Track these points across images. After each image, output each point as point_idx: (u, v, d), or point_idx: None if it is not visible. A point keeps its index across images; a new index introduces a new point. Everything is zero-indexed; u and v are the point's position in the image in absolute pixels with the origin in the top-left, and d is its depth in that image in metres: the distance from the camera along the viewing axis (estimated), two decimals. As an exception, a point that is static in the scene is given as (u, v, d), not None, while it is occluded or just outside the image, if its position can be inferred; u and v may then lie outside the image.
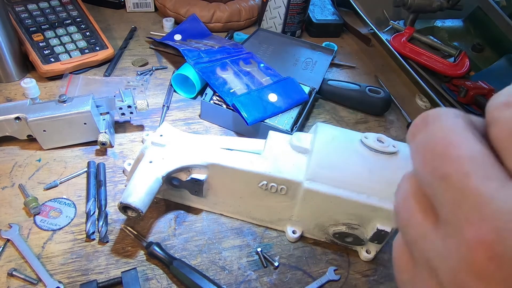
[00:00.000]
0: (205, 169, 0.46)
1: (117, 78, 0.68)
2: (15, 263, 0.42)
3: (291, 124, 0.59)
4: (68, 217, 0.47)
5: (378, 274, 0.47)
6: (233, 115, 0.60)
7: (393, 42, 0.82)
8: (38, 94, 0.54)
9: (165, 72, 0.72)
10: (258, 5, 0.88)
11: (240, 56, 0.70)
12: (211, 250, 0.47)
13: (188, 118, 0.64)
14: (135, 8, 0.88)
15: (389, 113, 0.71)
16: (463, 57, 0.78)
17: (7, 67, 0.63)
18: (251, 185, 0.45)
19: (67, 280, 0.42)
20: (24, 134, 0.53)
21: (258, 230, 0.50)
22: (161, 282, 0.43)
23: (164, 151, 0.46)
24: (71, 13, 0.72)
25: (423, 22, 0.89)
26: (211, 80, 0.63)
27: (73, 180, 0.52)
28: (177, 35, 0.77)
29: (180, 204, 0.51)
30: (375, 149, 0.43)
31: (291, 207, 0.46)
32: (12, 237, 0.44)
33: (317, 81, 0.69)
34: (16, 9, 0.68)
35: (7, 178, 0.51)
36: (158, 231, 0.48)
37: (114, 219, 0.48)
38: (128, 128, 0.60)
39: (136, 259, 0.45)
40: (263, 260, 0.46)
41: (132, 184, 0.43)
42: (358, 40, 0.91)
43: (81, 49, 0.68)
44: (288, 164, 0.45)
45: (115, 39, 0.78)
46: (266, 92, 0.62)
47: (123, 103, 0.56)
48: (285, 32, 0.84)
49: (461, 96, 0.72)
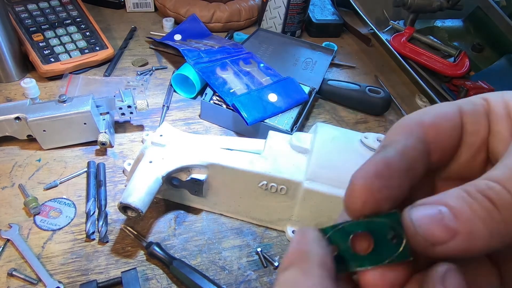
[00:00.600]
0: (205, 169, 0.46)
1: (117, 78, 0.68)
2: (15, 263, 0.42)
3: (291, 124, 0.59)
4: (68, 217, 0.47)
5: (378, 274, 0.47)
6: (233, 115, 0.60)
7: (393, 42, 0.82)
8: (38, 94, 0.54)
9: (165, 72, 0.72)
10: (258, 5, 0.88)
11: (240, 56, 0.70)
12: (211, 250, 0.47)
13: (188, 118, 0.64)
14: (135, 8, 0.88)
15: (389, 113, 0.71)
16: (463, 57, 0.78)
17: (7, 67, 0.63)
18: (251, 185, 0.45)
19: (67, 280, 0.42)
20: (24, 134, 0.53)
21: (258, 230, 0.50)
22: (161, 282, 0.43)
23: (164, 151, 0.46)
24: (71, 13, 0.72)
25: (423, 22, 0.89)
26: (211, 80, 0.63)
27: (73, 180, 0.52)
28: (177, 35, 0.77)
29: (180, 204, 0.51)
30: (375, 149, 0.43)
31: (291, 207, 0.46)
32: (12, 237, 0.44)
33: (317, 81, 0.69)
34: (16, 9, 0.68)
35: (7, 178, 0.51)
36: (158, 231, 0.48)
37: (114, 219, 0.48)
38: (128, 128, 0.60)
39: (136, 259, 0.45)
40: (263, 260, 0.46)
41: (132, 184, 0.43)
42: (358, 40, 0.91)
43: (81, 49, 0.68)
44: (288, 164, 0.45)
45: (115, 39, 0.78)
46: (266, 92, 0.62)
47: (123, 103, 0.56)
48: (285, 32, 0.84)
49: (461, 96, 0.72)
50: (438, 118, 0.19)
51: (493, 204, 0.15)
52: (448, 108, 0.19)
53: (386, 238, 0.17)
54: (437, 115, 0.19)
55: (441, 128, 0.19)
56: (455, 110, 0.19)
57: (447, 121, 0.19)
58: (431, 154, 0.18)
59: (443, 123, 0.19)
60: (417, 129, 0.18)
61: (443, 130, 0.19)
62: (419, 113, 0.19)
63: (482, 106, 0.19)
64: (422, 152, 0.18)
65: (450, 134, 0.19)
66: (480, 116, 0.19)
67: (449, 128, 0.19)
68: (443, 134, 0.19)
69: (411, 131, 0.18)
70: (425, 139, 0.18)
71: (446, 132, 0.19)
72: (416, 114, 0.19)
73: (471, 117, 0.19)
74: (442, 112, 0.19)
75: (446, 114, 0.19)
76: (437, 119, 0.19)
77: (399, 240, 0.16)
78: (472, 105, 0.19)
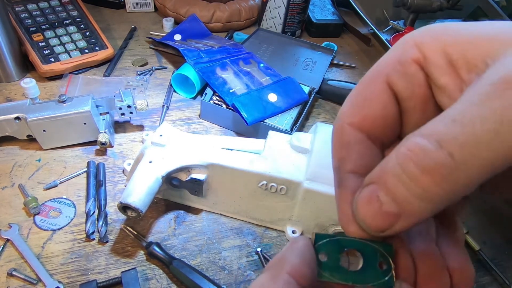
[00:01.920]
0: (205, 169, 0.46)
1: (117, 78, 0.68)
2: (15, 263, 0.42)
3: (291, 124, 0.59)
4: (68, 217, 0.47)
5: (378, 274, 0.47)
6: (233, 115, 0.60)
7: (393, 42, 0.82)
8: (38, 94, 0.54)
9: (165, 72, 0.72)
10: (258, 5, 0.88)
11: (240, 56, 0.70)
12: (211, 250, 0.47)
13: (188, 118, 0.64)
14: (135, 8, 0.88)
15: (389, 113, 0.71)
16: (463, 57, 0.78)
17: (7, 67, 0.63)
18: (251, 185, 0.45)
19: (67, 280, 0.42)
20: (24, 134, 0.53)
21: (258, 230, 0.50)
22: (161, 282, 0.43)
23: (164, 151, 0.46)
24: (71, 13, 0.72)
25: (423, 22, 0.89)
26: (211, 80, 0.63)
27: (73, 180, 0.52)
28: (177, 35, 0.77)
29: (180, 204, 0.51)
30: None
31: (291, 207, 0.46)
32: (12, 237, 0.44)
33: (317, 81, 0.69)
34: (16, 9, 0.68)
35: (7, 178, 0.51)
36: (158, 231, 0.48)
37: (114, 219, 0.48)
38: (128, 128, 0.60)
39: (136, 259, 0.45)
40: (263, 260, 0.46)
41: (131, 184, 0.43)
42: (358, 40, 0.91)
43: (81, 49, 0.68)
44: (288, 164, 0.45)
45: (115, 39, 0.78)
46: (266, 92, 0.62)
47: (123, 103, 0.56)
48: (285, 32, 0.84)
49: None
50: (365, 108, 0.18)
51: (426, 173, 0.14)
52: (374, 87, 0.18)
53: (375, 263, 0.17)
54: (364, 105, 0.18)
55: (373, 117, 0.18)
56: (382, 87, 0.18)
57: (377, 105, 0.18)
58: (379, 139, 0.18)
59: (373, 112, 0.18)
60: (353, 134, 0.18)
61: (375, 117, 0.18)
62: (346, 108, 0.19)
63: (413, 59, 0.17)
64: (371, 149, 0.18)
65: (383, 115, 0.18)
66: (412, 77, 0.18)
67: (380, 112, 0.18)
68: (379, 121, 0.18)
69: (350, 141, 0.18)
70: (366, 135, 0.18)
71: (379, 117, 0.18)
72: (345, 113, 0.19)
73: (402, 82, 0.18)
74: (368, 98, 0.18)
75: (374, 97, 0.18)
76: (365, 111, 0.18)
77: (387, 269, 0.17)
78: (399, 65, 0.18)
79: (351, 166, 0.18)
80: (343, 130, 0.18)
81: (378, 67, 0.19)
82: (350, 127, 0.18)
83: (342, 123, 0.19)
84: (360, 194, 0.16)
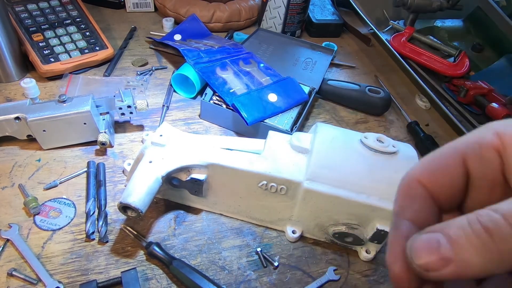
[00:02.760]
0: (205, 169, 0.46)
1: (117, 78, 0.68)
2: (15, 263, 0.42)
3: (291, 124, 0.59)
4: (68, 217, 0.47)
5: (378, 274, 0.47)
6: (233, 115, 0.60)
7: (393, 42, 0.82)
8: (38, 94, 0.54)
9: (165, 72, 0.72)
10: (258, 5, 0.88)
11: (240, 56, 0.70)
12: (211, 250, 0.47)
13: (188, 118, 0.64)
14: (135, 8, 0.88)
15: (389, 113, 0.71)
16: (463, 57, 0.78)
17: (7, 67, 0.63)
18: (251, 185, 0.45)
19: (66, 280, 0.42)
20: (24, 134, 0.53)
21: (258, 230, 0.50)
22: (161, 282, 0.43)
23: (164, 151, 0.46)
24: (71, 13, 0.72)
25: (423, 22, 0.89)
26: (211, 80, 0.63)
27: (73, 180, 0.52)
28: (177, 35, 0.77)
29: (180, 204, 0.51)
30: (375, 149, 0.43)
31: (291, 207, 0.46)
32: (12, 237, 0.44)
33: (317, 81, 0.69)
34: (16, 9, 0.68)
35: (7, 178, 0.51)
36: (158, 231, 0.48)
37: (114, 219, 0.48)
38: (128, 128, 0.60)
39: (136, 259, 0.45)
40: (263, 260, 0.46)
41: (131, 184, 0.43)
42: (358, 40, 0.91)
43: (81, 49, 0.68)
44: (288, 164, 0.44)
45: (115, 39, 0.78)
46: (266, 92, 0.62)
47: (123, 103, 0.56)
48: (285, 32, 0.84)
49: (461, 96, 0.72)
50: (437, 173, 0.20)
51: (490, 234, 0.15)
52: (450, 159, 0.20)
53: None
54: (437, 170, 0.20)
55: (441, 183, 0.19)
56: (457, 162, 0.19)
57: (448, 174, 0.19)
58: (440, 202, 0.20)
59: (443, 178, 0.19)
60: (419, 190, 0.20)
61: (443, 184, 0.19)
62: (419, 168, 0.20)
63: (493, 146, 0.19)
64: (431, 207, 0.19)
65: (451, 185, 0.19)
66: (488, 161, 0.19)
67: (449, 181, 0.19)
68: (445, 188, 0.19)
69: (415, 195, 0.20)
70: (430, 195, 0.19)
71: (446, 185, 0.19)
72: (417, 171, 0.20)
73: (477, 163, 0.19)
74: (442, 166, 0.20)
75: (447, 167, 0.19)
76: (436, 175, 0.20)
77: None
78: (478, 147, 0.19)
79: (410, 214, 0.19)
80: (411, 183, 0.20)
81: (456, 144, 0.20)
82: (418, 183, 0.20)
83: (412, 178, 0.20)
84: (420, 236, 0.17)
